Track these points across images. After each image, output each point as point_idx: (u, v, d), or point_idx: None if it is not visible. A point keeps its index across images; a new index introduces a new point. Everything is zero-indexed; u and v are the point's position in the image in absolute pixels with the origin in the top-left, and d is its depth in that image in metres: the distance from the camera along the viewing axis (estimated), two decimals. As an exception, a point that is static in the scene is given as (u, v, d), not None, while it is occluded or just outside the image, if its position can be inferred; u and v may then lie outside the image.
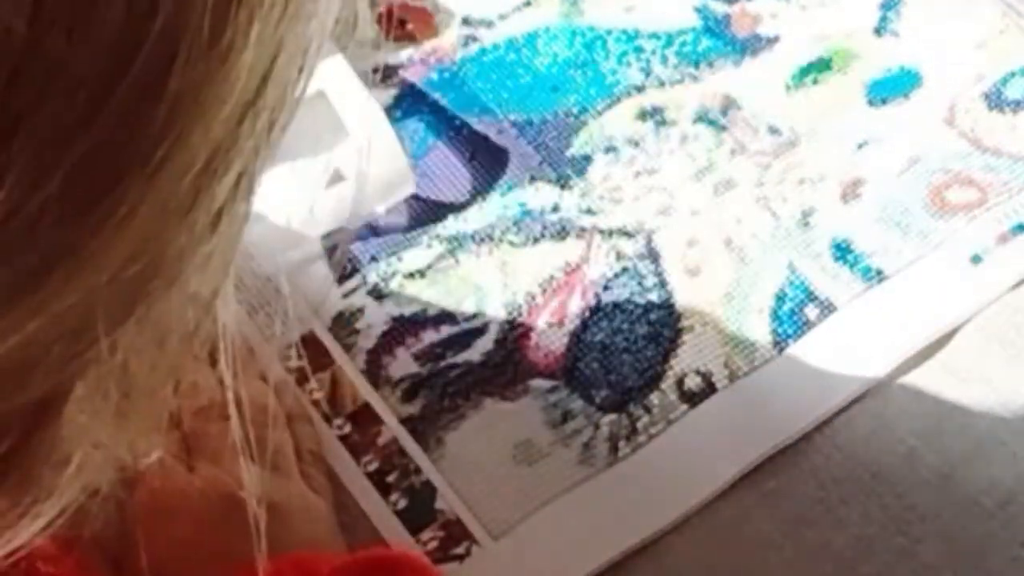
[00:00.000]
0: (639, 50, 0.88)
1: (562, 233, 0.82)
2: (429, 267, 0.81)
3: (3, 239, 0.27)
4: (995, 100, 0.85)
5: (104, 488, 0.36)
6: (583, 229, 0.82)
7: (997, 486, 0.74)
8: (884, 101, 0.86)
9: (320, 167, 0.82)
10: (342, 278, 0.81)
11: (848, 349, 0.78)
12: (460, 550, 0.73)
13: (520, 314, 0.79)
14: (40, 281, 0.28)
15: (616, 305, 0.80)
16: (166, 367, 0.34)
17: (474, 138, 0.85)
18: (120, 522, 0.71)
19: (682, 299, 0.80)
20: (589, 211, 0.83)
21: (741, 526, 0.74)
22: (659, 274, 0.80)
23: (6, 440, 0.31)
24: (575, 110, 0.86)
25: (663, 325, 0.79)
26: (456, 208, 0.83)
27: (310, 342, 0.78)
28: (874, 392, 0.77)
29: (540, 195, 0.83)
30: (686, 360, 0.78)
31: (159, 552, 0.69)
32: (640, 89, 0.87)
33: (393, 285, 0.80)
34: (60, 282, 0.28)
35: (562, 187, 0.83)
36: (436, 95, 0.87)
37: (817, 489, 0.75)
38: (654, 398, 0.77)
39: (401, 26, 0.89)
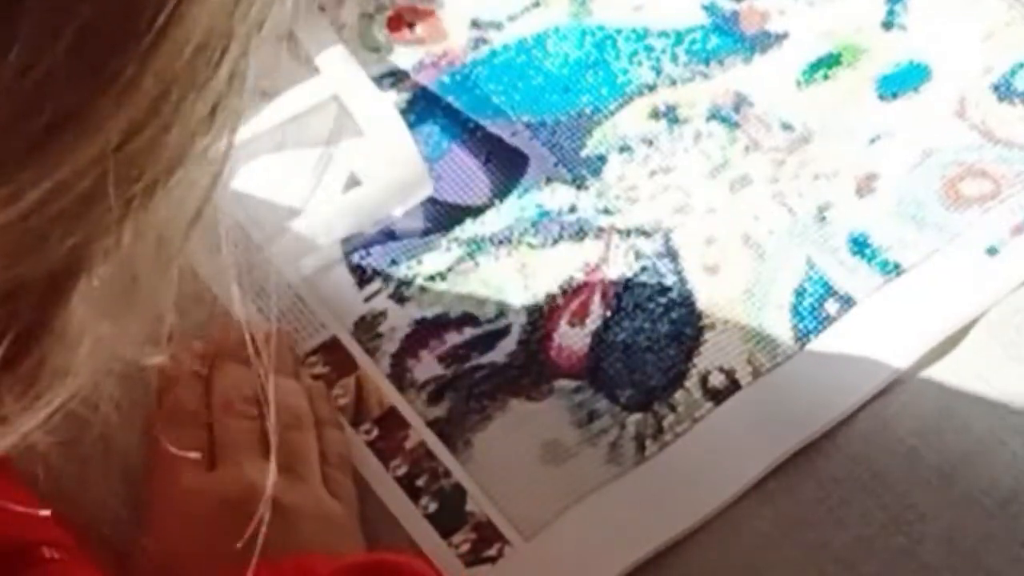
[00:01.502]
0: (649, 49, 0.88)
1: (580, 234, 0.82)
2: (449, 270, 0.81)
3: (15, 98, 0.29)
4: (1004, 91, 0.86)
5: (108, 386, 0.37)
6: (601, 229, 0.82)
7: (997, 486, 0.75)
8: (894, 95, 0.86)
9: (336, 172, 0.82)
10: (363, 282, 0.81)
11: (870, 342, 0.78)
12: (492, 552, 0.73)
13: (542, 315, 0.79)
14: (50, 141, 0.30)
15: (637, 304, 0.80)
16: (168, 254, 0.36)
17: (489, 140, 0.85)
18: (129, 516, 0.71)
19: (702, 297, 0.80)
20: (606, 211, 0.83)
21: (741, 526, 0.74)
22: (678, 272, 0.81)
23: (21, 318, 0.33)
24: (588, 110, 0.86)
25: (685, 323, 0.79)
26: (473, 211, 0.83)
27: (333, 348, 0.78)
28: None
29: (557, 196, 0.83)
30: (709, 358, 0.78)
31: (164, 551, 0.70)
32: (652, 88, 0.87)
33: (414, 288, 0.80)
34: (70, 143, 0.30)
35: (578, 188, 0.84)
36: (449, 98, 0.87)
37: (817, 489, 0.75)
38: (679, 396, 0.77)
39: (410, 29, 0.89)
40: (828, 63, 0.88)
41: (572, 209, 0.83)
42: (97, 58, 0.30)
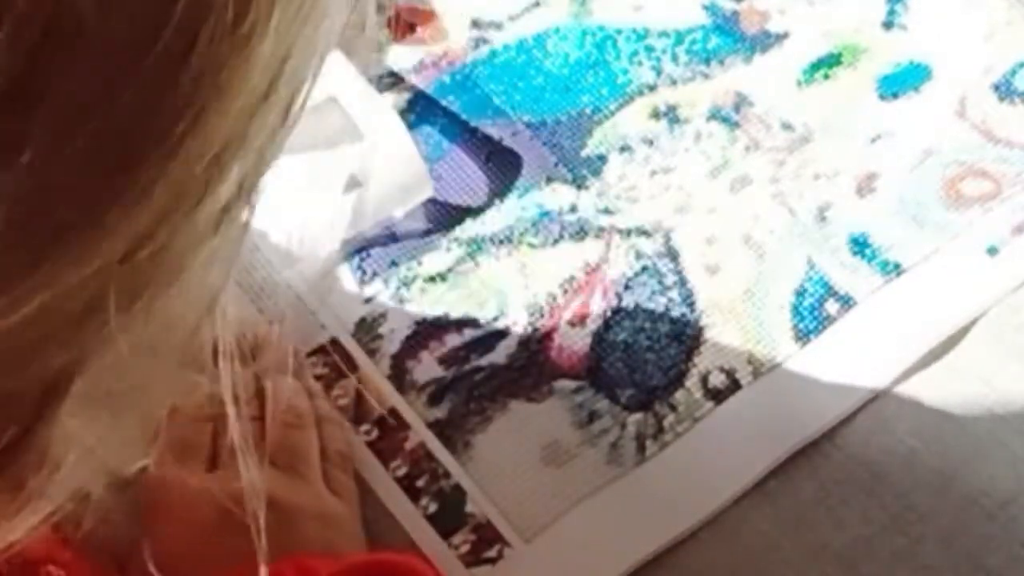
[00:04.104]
0: (650, 49, 0.88)
1: (580, 233, 0.82)
2: (449, 270, 0.81)
3: (22, 207, 0.27)
4: (1005, 91, 0.86)
5: (95, 493, 0.36)
6: (601, 229, 0.82)
7: (997, 486, 0.75)
8: (895, 95, 0.86)
9: (336, 174, 0.82)
10: (363, 283, 0.81)
11: (870, 342, 0.78)
12: (492, 553, 0.73)
13: (542, 315, 0.80)
14: (55, 251, 0.28)
15: (637, 304, 0.80)
16: (164, 367, 0.34)
17: (489, 141, 0.85)
18: (126, 523, 0.71)
19: (703, 297, 0.80)
20: (607, 211, 0.83)
21: (741, 526, 0.74)
22: (679, 272, 0.81)
23: (8, 431, 0.31)
24: (588, 110, 0.86)
25: (685, 323, 0.79)
26: (474, 211, 0.83)
27: (334, 349, 0.79)
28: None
29: (557, 196, 0.83)
30: (709, 358, 0.78)
31: (164, 553, 0.70)
32: (652, 88, 0.87)
33: (414, 289, 0.80)
34: (74, 254, 0.28)
35: (578, 187, 0.84)
36: (447, 99, 0.87)
37: (817, 489, 0.75)
38: (679, 396, 0.77)
39: (411, 30, 0.89)
40: (828, 63, 0.88)
41: (572, 209, 0.83)
42: (111, 166, 0.28)
